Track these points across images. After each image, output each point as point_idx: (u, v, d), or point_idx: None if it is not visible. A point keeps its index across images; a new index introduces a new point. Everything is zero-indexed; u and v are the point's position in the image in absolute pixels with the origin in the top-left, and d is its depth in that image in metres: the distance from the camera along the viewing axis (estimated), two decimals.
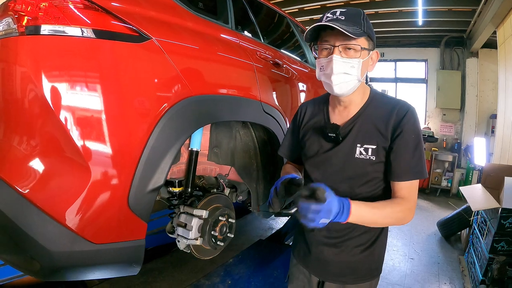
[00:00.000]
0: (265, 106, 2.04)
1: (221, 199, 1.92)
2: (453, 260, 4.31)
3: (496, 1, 4.65)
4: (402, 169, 1.27)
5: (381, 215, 1.25)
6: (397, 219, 1.27)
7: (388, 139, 1.28)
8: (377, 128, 1.30)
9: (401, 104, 1.31)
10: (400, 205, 1.27)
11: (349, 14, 1.24)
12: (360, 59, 1.25)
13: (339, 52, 1.24)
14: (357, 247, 1.42)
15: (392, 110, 1.30)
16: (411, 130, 1.26)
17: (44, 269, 1.29)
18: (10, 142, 1.24)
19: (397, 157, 1.27)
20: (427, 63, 8.38)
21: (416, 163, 1.26)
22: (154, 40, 1.40)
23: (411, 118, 1.27)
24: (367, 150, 1.30)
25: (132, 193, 1.33)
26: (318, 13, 6.66)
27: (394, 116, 1.28)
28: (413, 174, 1.27)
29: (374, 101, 1.36)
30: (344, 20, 1.21)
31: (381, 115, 1.31)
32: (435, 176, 7.83)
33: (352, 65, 1.25)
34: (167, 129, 1.41)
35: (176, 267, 3.60)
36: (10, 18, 1.22)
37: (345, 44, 1.23)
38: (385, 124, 1.29)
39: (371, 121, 1.32)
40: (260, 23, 2.51)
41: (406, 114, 1.27)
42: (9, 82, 1.22)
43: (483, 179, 3.90)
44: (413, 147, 1.26)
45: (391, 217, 1.26)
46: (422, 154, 1.28)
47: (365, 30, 1.23)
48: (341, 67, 1.25)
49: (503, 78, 5.33)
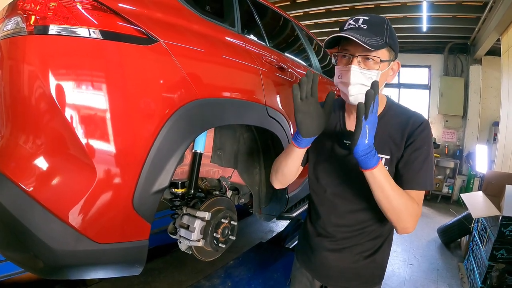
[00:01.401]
0: (269, 110, 2.04)
1: (223, 201, 1.92)
2: (452, 267, 4.31)
3: (500, 9, 4.66)
4: (410, 177, 1.25)
5: (399, 194, 1.19)
6: (407, 211, 1.21)
7: (401, 149, 1.27)
8: (392, 138, 1.29)
9: (416, 115, 1.30)
10: (413, 204, 1.22)
11: (372, 22, 1.22)
12: (379, 71, 1.23)
13: (357, 62, 1.22)
14: (360, 254, 1.42)
15: (408, 120, 1.28)
16: (424, 141, 1.24)
17: (47, 267, 1.29)
18: (16, 140, 1.25)
19: (406, 165, 1.26)
20: (430, 69, 8.39)
21: (425, 174, 1.24)
22: (162, 42, 1.40)
23: (425, 129, 1.26)
24: (381, 160, 1.23)
25: (137, 193, 1.33)
26: (323, 17, 6.68)
27: (410, 126, 1.26)
28: (420, 184, 1.25)
29: (390, 111, 1.34)
30: (366, 30, 1.20)
31: (397, 125, 1.29)
32: (436, 182, 7.83)
33: (370, 77, 1.22)
34: (173, 131, 1.41)
35: (176, 267, 3.61)
36: (19, 17, 1.23)
37: (364, 54, 1.21)
38: (401, 134, 1.27)
39: (386, 130, 1.30)
40: (265, 26, 2.51)
41: (420, 124, 1.26)
42: (16, 80, 1.22)
43: (484, 187, 3.91)
44: (423, 158, 1.24)
45: (405, 204, 1.20)
46: (431, 166, 1.26)
47: (387, 41, 1.21)
48: (359, 78, 1.22)
49: (506, 86, 5.34)
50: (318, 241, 1.49)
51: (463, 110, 7.83)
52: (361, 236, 1.40)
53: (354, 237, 1.41)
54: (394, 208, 1.20)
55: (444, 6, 5.72)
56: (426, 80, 8.60)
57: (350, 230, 1.40)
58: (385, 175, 1.17)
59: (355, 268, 1.43)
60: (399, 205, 1.19)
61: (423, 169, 1.24)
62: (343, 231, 1.42)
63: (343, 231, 1.42)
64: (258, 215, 2.43)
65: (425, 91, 8.62)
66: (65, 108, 1.18)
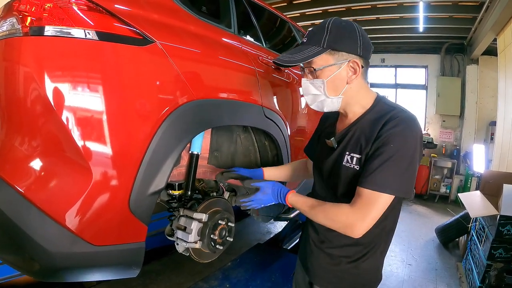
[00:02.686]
0: (266, 111, 2.04)
1: (220, 203, 1.92)
2: (451, 266, 4.32)
3: (496, 8, 4.68)
4: (364, 174, 1.19)
5: (319, 213, 1.30)
6: (340, 223, 1.22)
7: (370, 146, 1.21)
8: (365, 136, 1.24)
9: (395, 111, 1.22)
10: (340, 211, 1.23)
11: (313, 32, 1.27)
12: (323, 79, 1.26)
13: (306, 75, 1.31)
14: (343, 257, 1.39)
15: (385, 116, 1.22)
16: (391, 138, 1.16)
17: (43, 270, 1.28)
18: (12, 142, 1.24)
19: (366, 162, 1.21)
20: (427, 69, 8.41)
21: (382, 174, 1.15)
22: (158, 43, 1.40)
23: (397, 126, 1.17)
24: (352, 158, 1.27)
25: (133, 195, 1.33)
26: (320, 18, 6.67)
27: (383, 122, 1.20)
28: (372, 184, 1.16)
29: (374, 110, 1.30)
30: (305, 43, 1.27)
31: (373, 123, 1.24)
32: (433, 182, 7.85)
33: (319, 85, 1.28)
34: (169, 132, 1.41)
35: (174, 269, 3.60)
36: (15, 18, 1.22)
37: (307, 67, 1.28)
38: (372, 131, 1.22)
39: (363, 129, 1.27)
40: (262, 27, 2.52)
41: (392, 120, 1.18)
42: (12, 81, 1.21)
43: (482, 186, 3.92)
44: (386, 157, 1.15)
45: (328, 219, 1.26)
46: (395, 168, 1.15)
47: (324, 46, 1.22)
48: (308, 89, 1.31)
49: (503, 85, 5.36)
50: (309, 234, 1.53)
51: (460, 110, 7.85)
52: (338, 240, 1.39)
53: (333, 239, 1.40)
54: (325, 222, 1.29)
55: (441, 6, 5.74)
56: (423, 80, 8.61)
57: (330, 231, 1.37)
58: (298, 202, 1.40)
59: (339, 270, 1.41)
60: (323, 221, 1.29)
61: (380, 169, 1.15)
62: (325, 230, 1.40)
63: (325, 230, 1.40)
64: (255, 216, 2.42)
65: (422, 91, 8.63)
66: (61, 110, 1.17)
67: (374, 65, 9.08)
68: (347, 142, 1.31)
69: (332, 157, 1.36)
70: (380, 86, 9.05)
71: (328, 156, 1.39)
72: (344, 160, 1.29)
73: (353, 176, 1.26)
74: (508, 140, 4.88)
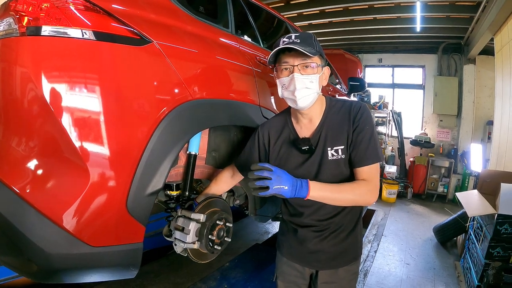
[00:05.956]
0: (264, 110, 2.04)
1: (218, 203, 1.91)
2: (449, 265, 4.32)
3: (493, 8, 4.69)
4: (361, 156, 1.46)
5: (342, 192, 1.43)
6: (359, 196, 1.45)
7: (350, 135, 1.48)
8: (342, 129, 1.50)
9: (354, 103, 1.54)
10: (360, 185, 1.45)
11: (303, 37, 1.42)
12: (317, 75, 1.46)
13: (298, 70, 1.43)
14: (342, 234, 1.63)
15: (349, 109, 1.52)
16: (365, 122, 1.47)
17: (41, 271, 1.28)
18: (9, 143, 1.24)
19: (355, 146, 1.47)
20: (424, 69, 8.44)
21: (373, 149, 1.46)
22: (155, 43, 1.40)
23: (364, 112, 1.49)
24: (337, 151, 1.49)
25: (131, 196, 1.32)
26: (317, 18, 6.68)
27: (352, 113, 1.50)
28: (371, 159, 1.46)
29: (332, 108, 1.56)
30: (299, 43, 1.39)
31: (342, 117, 1.52)
32: (431, 181, 7.87)
33: (310, 80, 1.44)
34: (166, 132, 1.41)
35: (173, 270, 3.58)
36: (11, 18, 1.22)
37: (303, 63, 1.43)
38: (348, 122, 1.49)
39: (335, 124, 1.52)
40: (259, 27, 2.52)
41: (359, 109, 1.50)
42: (9, 82, 1.21)
43: (479, 185, 3.92)
44: (368, 137, 1.46)
45: (353, 194, 1.44)
46: (377, 141, 1.48)
47: (317, 50, 1.43)
48: (302, 83, 1.43)
49: (500, 85, 5.37)
50: (303, 232, 1.66)
51: (457, 110, 7.88)
52: (338, 221, 1.61)
53: (333, 224, 1.61)
54: (347, 202, 1.49)
55: (438, 6, 5.75)
56: (420, 80, 8.65)
57: (329, 219, 1.60)
58: (322, 190, 1.39)
59: (341, 247, 1.64)
60: (348, 199, 1.45)
61: (370, 146, 1.46)
62: (323, 220, 1.61)
63: (323, 220, 1.61)
64: (253, 216, 2.42)
65: (419, 91, 8.67)
66: (58, 110, 1.17)
67: (371, 65, 9.11)
68: (325, 140, 1.52)
69: (314, 159, 1.53)
70: (378, 86, 9.06)
71: (307, 159, 1.54)
72: (328, 155, 1.50)
73: (342, 164, 1.50)
74: (505, 139, 4.90)
